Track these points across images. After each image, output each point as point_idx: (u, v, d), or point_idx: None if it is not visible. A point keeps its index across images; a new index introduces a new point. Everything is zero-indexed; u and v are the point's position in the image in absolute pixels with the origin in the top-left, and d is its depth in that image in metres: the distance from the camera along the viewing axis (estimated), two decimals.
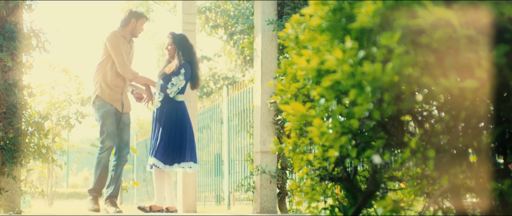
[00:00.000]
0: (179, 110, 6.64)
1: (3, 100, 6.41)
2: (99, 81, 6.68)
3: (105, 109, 6.61)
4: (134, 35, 6.93)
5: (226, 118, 11.70)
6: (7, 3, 6.41)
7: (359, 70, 2.36)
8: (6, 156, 6.29)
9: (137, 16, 6.90)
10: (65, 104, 15.70)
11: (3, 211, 6.34)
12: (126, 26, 6.88)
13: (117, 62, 6.62)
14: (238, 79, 19.36)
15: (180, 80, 6.60)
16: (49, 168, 16.13)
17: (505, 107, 2.62)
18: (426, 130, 2.67)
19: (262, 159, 6.68)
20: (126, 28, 6.88)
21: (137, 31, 6.94)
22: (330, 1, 2.58)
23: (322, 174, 2.97)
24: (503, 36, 2.45)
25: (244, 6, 16.89)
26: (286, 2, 6.83)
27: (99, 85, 6.66)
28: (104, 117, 6.60)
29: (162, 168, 6.51)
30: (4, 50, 6.35)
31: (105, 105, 6.64)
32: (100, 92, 6.65)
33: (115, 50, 6.63)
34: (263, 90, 6.71)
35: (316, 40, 2.71)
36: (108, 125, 6.60)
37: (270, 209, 6.66)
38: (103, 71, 6.68)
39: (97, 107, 6.65)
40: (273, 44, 6.80)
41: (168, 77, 6.62)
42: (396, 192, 2.96)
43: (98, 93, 6.66)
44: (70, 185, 38.02)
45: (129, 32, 6.88)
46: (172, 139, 6.56)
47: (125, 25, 6.88)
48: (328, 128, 2.65)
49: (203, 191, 13.41)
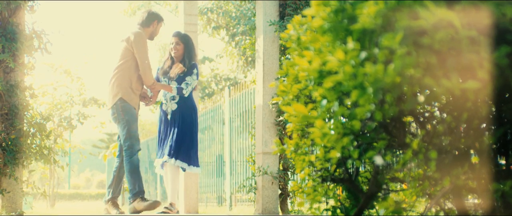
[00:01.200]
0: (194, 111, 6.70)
1: (5, 101, 6.42)
2: (122, 84, 6.41)
3: (131, 113, 6.40)
4: (151, 37, 6.70)
5: (228, 119, 11.70)
6: (9, 4, 6.42)
7: (361, 71, 2.36)
8: (8, 157, 6.30)
9: (159, 18, 6.71)
10: (67, 105, 15.72)
11: (5, 212, 6.34)
12: (147, 27, 6.64)
13: (142, 66, 6.41)
14: (240, 80, 19.36)
15: (194, 79, 6.62)
16: (51, 169, 16.15)
17: (507, 108, 2.62)
18: (428, 131, 2.67)
19: (264, 160, 6.68)
20: (147, 29, 6.65)
21: (156, 33, 6.74)
22: (332, 2, 2.59)
23: (324, 175, 2.97)
24: (505, 37, 2.45)
25: (246, 7, 16.90)
26: (288, 3, 6.83)
27: (123, 87, 6.40)
28: (130, 121, 6.38)
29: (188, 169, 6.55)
30: (6, 51, 6.36)
31: (131, 109, 6.42)
32: (124, 95, 6.40)
33: (142, 53, 6.40)
34: (265, 91, 6.71)
35: (318, 41, 2.71)
36: (135, 130, 6.41)
37: (272, 210, 6.66)
38: (128, 74, 6.43)
39: (121, 110, 6.39)
40: (275, 45, 6.80)
41: (182, 77, 6.62)
42: (398, 193, 2.96)
43: (121, 95, 6.39)
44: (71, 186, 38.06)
45: (149, 33, 6.66)
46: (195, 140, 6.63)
47: (146, 26, 6.63)
48: (330, 129, 2.66)
49: (205, 192, 13.41)
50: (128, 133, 6.38)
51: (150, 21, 6.62)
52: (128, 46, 6.43)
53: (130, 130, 6.38)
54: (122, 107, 6.38)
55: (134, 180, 6.38)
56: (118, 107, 6.40)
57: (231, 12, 17.33)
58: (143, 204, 6.29)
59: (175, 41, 6.71)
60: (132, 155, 6.38)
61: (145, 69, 6.40)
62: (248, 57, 16.55)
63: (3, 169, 6.33)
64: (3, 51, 6.37)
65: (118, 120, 6.42)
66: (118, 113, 6.41)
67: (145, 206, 6.28)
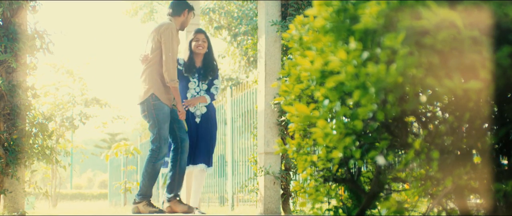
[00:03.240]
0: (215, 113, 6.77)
1: (7, 101, 6.42)
2: (154, 79, 6.10)
3: (162, 112, 6.09)
4: (182, 27, 6.37)
5: (230, 119, 11.70)
6: (11, 4, 6.42)
7: (363, 71, 2.36)
8: (10, 157, 6.30)
9: (189, 7, 6.38)
10: (69, 105, 15.75)
11: (7, 212, 6.35)
12: (178, 16, 6.32)
13: (165, 59, 6.05)
14: (242, 80, 19.36)
15: (220, 82, 6.72)
16: (53, 169, 16.17)
17: (509, 108, 2.62)
18: (430, 131, 2.67)
19: (266, 160, 6.68)
20: (178, 18, 6.33)
21: (186, 23, 6.39)
22: (334, 2, 2.59)
23: (326, 175, 2.97)
24: (507, 37, 2.45)
25: (248, 7, 16.90)
26: (290, 3, 6.82)
27: (155, 83, 6.10)
28: (161, 121, 6.09)
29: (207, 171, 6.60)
30: (8, 51, 6.36)
31: (163, 107, 6.11)
32: (156, 91, 6.08)
33: (168, 45, 6.07)
34: (267, 91, 6.70)
35: (320, 41, 2.71)
36: (166, 130, 6.11)
37: (274, 210, 6.66)
38: (158, 68, 6.14)
39: (153, 107, 6.08)
40: (277, 45, 6.79)
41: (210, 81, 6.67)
42: (400, 193, 2.96)
43: (153, 91, 6.08)
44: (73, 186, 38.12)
45: (179, 23, 6.34)
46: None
47: (177, 14, 6.32)
48: (332, 129, 2.66)
49: (207, 192, 13.42)
50: (158, 134, 6.10)
51: (181, 10, 6.32)
52: (158, 37, 6.16)
53: (160, 131, 6.10)
54: (153, 105, 6.09)
55: (148, 184, 6.21)
56: (149, 105, 6.10)
57: (233, 12, 17.34)
58: (148, 209, 6.18)
59: (202, 38, 6.66)
60: (157, 159, 6.12)
61: (167, 62, 6.06)
62: (250, 57, 16.56)
63: (5, 169, 6.33)
64: (5, 51, 6.37)
65: (148, 118, 6.14)
66: (149, 111, 6.12)
67: (152, 211, 6.17)
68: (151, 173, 6.16)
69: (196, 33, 6.71)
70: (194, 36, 6.72)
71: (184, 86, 6.68)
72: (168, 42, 6.08)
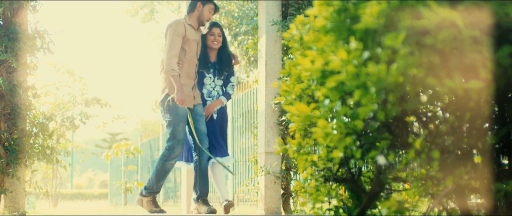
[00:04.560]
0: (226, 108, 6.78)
1: (8, 101, 6.42)
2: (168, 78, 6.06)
3: (176, 112, 6.05)
4: (201, 22, 6.30)
5: (230, 119, 11.70)
6: (11, 4, 6.43)
7: (363, 71, 2.36)
8: (11, 157, 6.30)
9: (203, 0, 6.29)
10: (69, 105, 15.76)
11: (8, 211, 6.35)
12: (192, 11, 6.28)
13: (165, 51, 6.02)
14: (242, 80, 19.35)
15: (236, 78, 6.69)
16: (53, 169, 16.17)
17: (510, 107, 2.62)
18: (431, 131, 2.67)
19: (266, 160, 6.68)
20: (192, 14, 6.28)
21: (204, 17, 6.28)
22: (335, 2, 2.58)
23: (327, 175, 2.97)
24: (508, 37, 2.45)
25: (248, 7, 16.89)
26: (291, 3, 6.82)
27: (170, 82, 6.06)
28: (176, 121, 6.05)
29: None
30: (8, 51, 6.36)
31: (177, 106, 6.04)
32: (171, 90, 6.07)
33: (169, 37, 6.02)
34: (268, 91, 6.70)
35: (320, 41, 2.71)
36: (180, 131, 6.07)
37: (275, 210, 6.66)
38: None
39: (167, 107, 6.07)
40: (277, 45, 6.79)
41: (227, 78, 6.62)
42: (401, 193, 2.96)
43: (169, 91, 6.08)
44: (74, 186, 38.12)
45: (195, 18, 6.27)
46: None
47: (191, 10, 6.28)
48: (332, 129, 2.66)
49: None
50: (172, 134, 6.09)
51: (194, 4, 6.28)
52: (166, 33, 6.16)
53: (174, 131, 6.08)
54: (168, 104, 6.08)
55: (156, 180, 6.20)
56: (167, 105, 6.09)
57: (234, 11, 17.33)
58: (150, 208, 6.18)
59: (218, 33, 6.55)
60: (169, 158, 6.10)
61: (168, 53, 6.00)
62: (251, 56, 16.55)
63: (5, 169, 6.33)
64: (6, 51, 6.37)
65: (163, 117, 6.16)
66: (164, 110, 6.13)
67: (152, 210, 6.18)
68: (159, 171, 6.16)
69: (212, 27, 6.57)
70: (209, 30, 6.57)
71: (199, 81, 6.54)
72: (167, 36, 6.08)
